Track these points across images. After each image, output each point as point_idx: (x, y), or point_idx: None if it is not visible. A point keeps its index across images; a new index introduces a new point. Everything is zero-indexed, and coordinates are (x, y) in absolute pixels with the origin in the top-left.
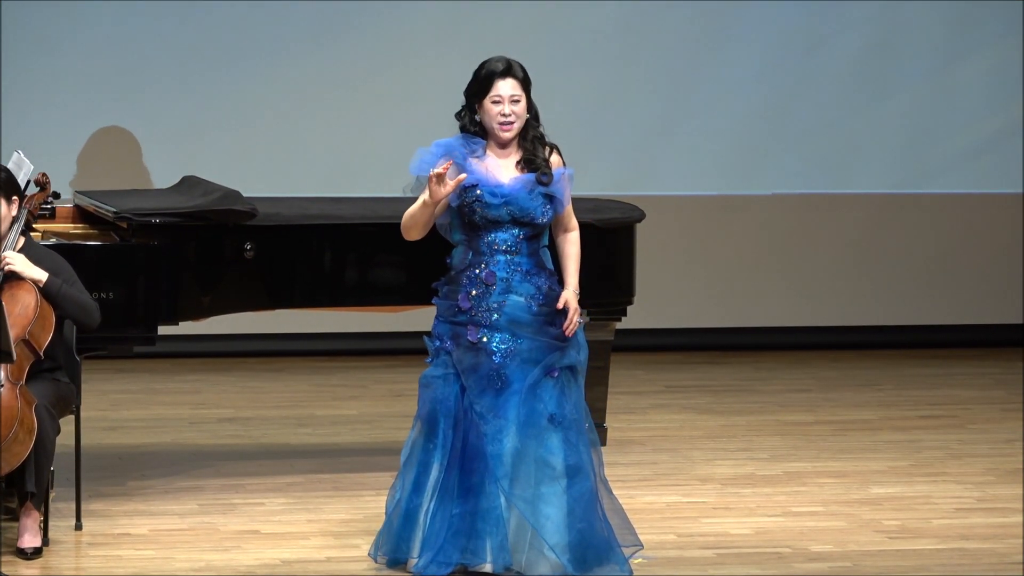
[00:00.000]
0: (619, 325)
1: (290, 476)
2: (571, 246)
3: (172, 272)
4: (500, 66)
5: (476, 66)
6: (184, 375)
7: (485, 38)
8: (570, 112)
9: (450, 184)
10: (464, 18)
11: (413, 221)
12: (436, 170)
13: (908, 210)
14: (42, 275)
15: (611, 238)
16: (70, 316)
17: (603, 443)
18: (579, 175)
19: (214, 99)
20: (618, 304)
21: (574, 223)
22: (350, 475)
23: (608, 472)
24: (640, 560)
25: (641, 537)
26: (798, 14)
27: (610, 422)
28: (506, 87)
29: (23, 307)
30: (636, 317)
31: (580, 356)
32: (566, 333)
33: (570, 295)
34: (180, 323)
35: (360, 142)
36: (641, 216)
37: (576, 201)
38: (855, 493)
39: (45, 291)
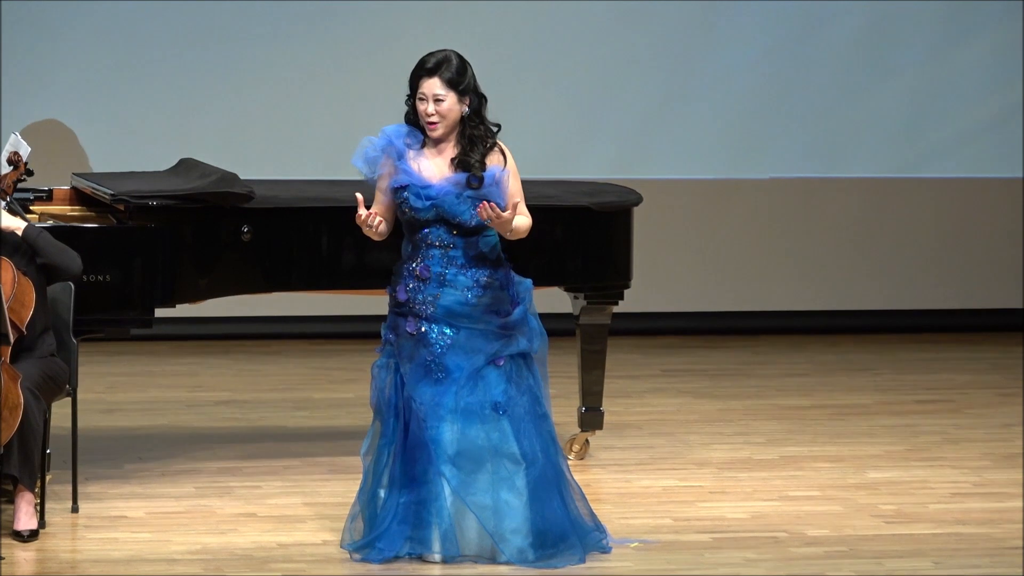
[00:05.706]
0: (616, 309)
1: (287, 459)
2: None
3: (169, 254)
4: (428, 63)
5: (470, 50)
6: (181, 358)
7: (482, 20)
8: (567, 96)
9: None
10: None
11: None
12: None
13: (906, 194)
14: (20, 223)
15: (608, 222)
16: (53, 262)
17: (599, 427)
18: (576, 159)
19: (211, 81)
20: (615, 288)
21: (524, 211)
22: (347, 458)
23: (605, 456)
24: (636, 544)
25: (637, 521)
26: None
27: (607, 406)
28: (429, 86)
29: None
30: (633, 301)
31: (534, 344)
32: (482, 214)
33: (499, 210)
34: (177, 306)
35: (357, 125)
36: (638, 200)
37: (573, 185)
38: (851, 477)
39: (25, 235)
